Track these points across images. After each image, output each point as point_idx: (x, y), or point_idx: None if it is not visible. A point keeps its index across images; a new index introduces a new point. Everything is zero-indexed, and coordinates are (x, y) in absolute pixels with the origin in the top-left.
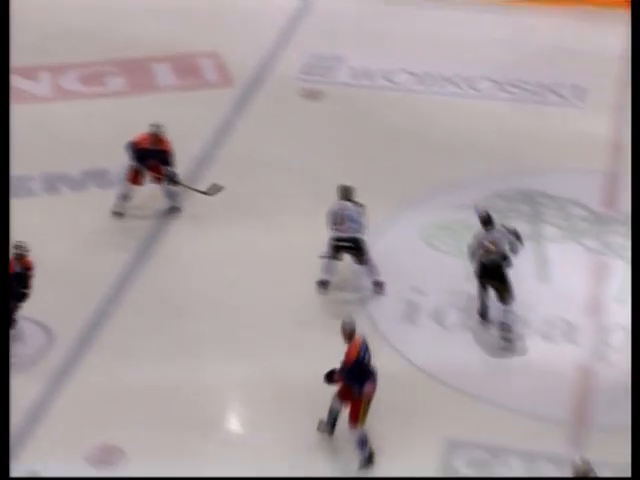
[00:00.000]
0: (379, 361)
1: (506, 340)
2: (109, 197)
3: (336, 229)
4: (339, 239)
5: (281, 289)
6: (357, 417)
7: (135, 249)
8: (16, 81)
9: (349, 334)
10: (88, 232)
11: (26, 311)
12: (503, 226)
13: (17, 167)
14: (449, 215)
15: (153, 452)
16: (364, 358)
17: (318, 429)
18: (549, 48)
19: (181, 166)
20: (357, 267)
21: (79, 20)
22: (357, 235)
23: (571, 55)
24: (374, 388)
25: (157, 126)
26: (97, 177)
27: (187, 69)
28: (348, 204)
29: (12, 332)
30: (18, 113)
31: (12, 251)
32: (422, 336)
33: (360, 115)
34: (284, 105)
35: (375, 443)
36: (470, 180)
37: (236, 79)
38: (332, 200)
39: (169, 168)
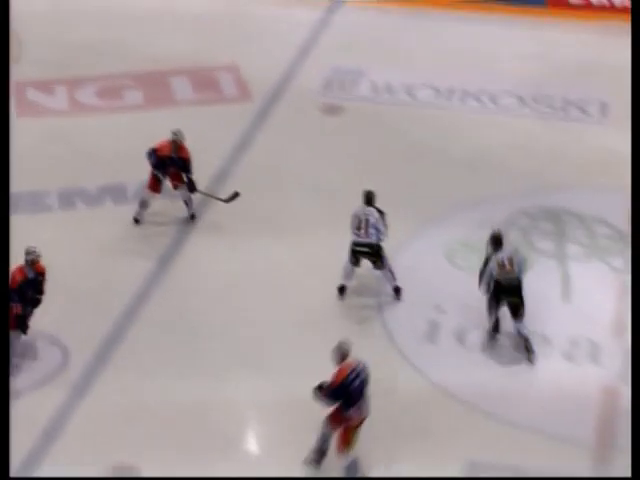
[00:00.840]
0: (399, 380)
1: (530, 351)
2: (125, 213)
3: (356, 234)
4: (357, 244)
5: (299, 305)
6: (344, 443)
7: (151, 265)
8: (32, 94)
9: (341, 356)
10: (103, 248)
11: (41, 326)
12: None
13: (33, 182)
14: (472, 232)
15: (169, 471)
16: (352, 383)
17: (305, 462)
18: (574, 63)
19: (199, 181)
20: (377, 272)
21: (96, 33)
22: (375, 241)
23: (596, 71)
24: (362, 415)
25: (178, 133)
26: (114, 192)
27: (205, 83)
28: (371, 210)
29: (25, 338)
30: (34, 127)
31: (24, 257)
32: (443, 355)
33: (381, 131)
34: (303, 120)
35: (394, 462)
36: (493, 197)
37: (255, 93)
38: (347, 214)
39: (188, 175)
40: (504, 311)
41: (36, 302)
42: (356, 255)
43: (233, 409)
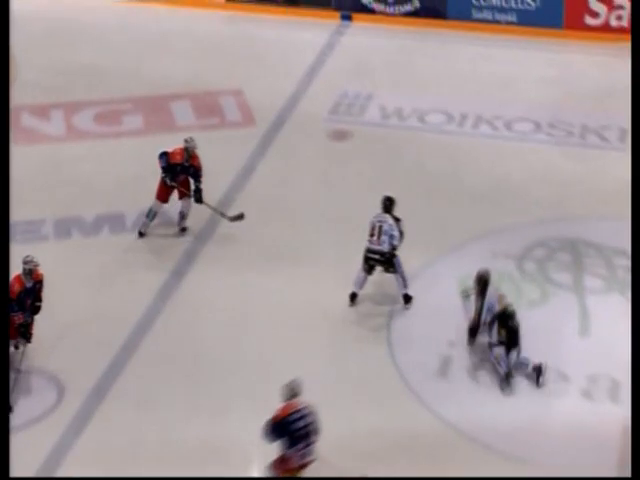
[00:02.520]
0: (409, 418)
1: (540, 375)
2: (123, 242)
3: (369, 240)
4: (369, 250)
5: (305, 340)
6: None
7: (150, 296)
8: (27, 120)
9: (290, 394)
10: (100, 279)
11: (36, 360)
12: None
13: (28, 211)
14: (486, 264)
15: None
16: (294, 423)
17: None
18: (592, 87)
19: (202, 209)
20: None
21: (94, 56)
22: (387, 249)
23: (615, 95)
24: (304, 459)
25: (190, 141)
26: (111, 221)
27: (208, 107)
28: (386, 216)
29: (28, 347)
30: (29, 154)
31: (22, 266)
32: (455, 392)
33: (391, 157)
34: (310, 146)
35: None
36: (508, 227)
37: (259, 118)
38: (360, 247)
39: (198, 184)
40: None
41: (36, 309)
42: (368, 262)
43: (237, 447)
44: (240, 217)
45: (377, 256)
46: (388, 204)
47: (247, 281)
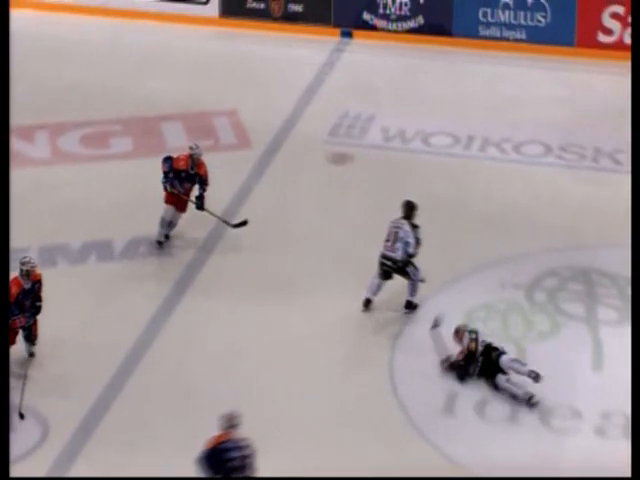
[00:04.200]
0: (414, 456)
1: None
2: (110, 271)
3: (385, 246)
4: (384, 256)
5: (302, 375)
6: None
7: (139, 328)
8: (10, 142)
9: (227, 424)
10: (85, 310)
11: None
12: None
13: (12, 238)
14: (493, 294)
15: None
16: (227, 453)
17: None
18: (605, 108)
19: (196, 237)
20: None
21: (81, 74)
22: (400, 257)
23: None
24: None
25: (196, 148)
26: (99, 249)
27: (201, 129)
28: (403, 222)
29: (34, 349)
30: (11, 178)
31: (20, 268)
32: (462, 429)
33: (394, 182)
34: (308, 170)
35: None
36: (517, 255)
37: (255, 140)
38: (361, 276)
39: (201, 192)
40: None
41: (37, 310)
42: (382, 268)
43: None
44: (243, 224)
45: (390, 262)
46: (407, 210)
47: (241, 312)
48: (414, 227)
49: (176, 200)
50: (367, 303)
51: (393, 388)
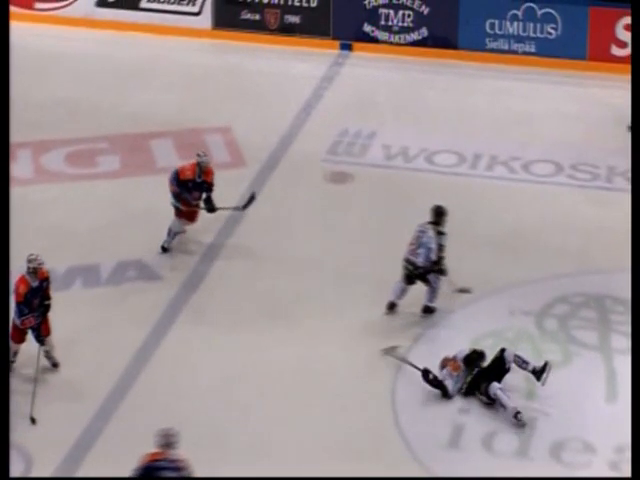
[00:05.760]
0: None
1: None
2: (96, 297)
3: (408, 250)
4: (406, 260)
5: (305, 407)
6: None
7: (126, 358)
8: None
9: (164, 442)
10: (70, 338)
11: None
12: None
13: None
14: (501, 321)
15: None
16: (160, 471)
17: None
18: (619, 124)
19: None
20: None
21: (66, 89)
22: (421, 263)
23: None
24: None
25: (203, 155)
26: (85, 273)
27: (192, 146)
28: (428, 227)
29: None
30: None
31: (27, 265)
32: (468, 464)
33: (396, 202)
34: (306, 190)
35: None
36: (526, 280)
37: (250, 159)
38: (365, 302)
39: (209, 194)
40: None
41: (45, 308)
42: (405, 272)
43: None
44: (252, 199)
45: (411, 267)
46: (435, 215)
47: (236, 340)
48: (439, 233)
49: (187, 213)
50: (391, 306)
51: (395, 418)
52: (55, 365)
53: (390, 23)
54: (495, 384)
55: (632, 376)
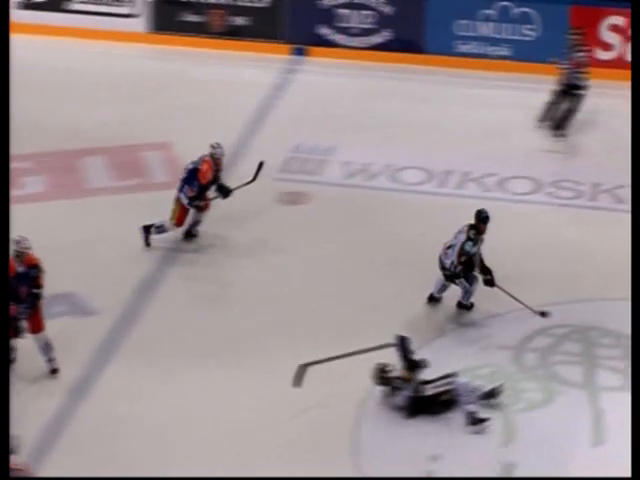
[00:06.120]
0: None
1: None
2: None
3: (442, 248)
4: (439, 258)
5: (252, 456)
6: None
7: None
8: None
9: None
10: None
11: None
12: None
13: None
14: (476, 358)
15: None
16: None
17: None
18: (607, 137)
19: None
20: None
21: None
22: (448, 265)
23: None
24: None
25: (218, 146)
26: None
27: (127, 165)
28: (464, 230)
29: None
30: None
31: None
32: None
33: (357, 225)
34: (256, 212)
35: None
36: (502, 311)
37: None
38: (321, 338)
39: (219, 183)
40: None
41: (35, 298)
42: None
43: None
44: (260, 166)
45: (440, 266)
46: (475, 218)
47: (178, 381)
48: (468, 239)
49: (206, 205)
50: (431, 299)
51: (359, 467)
52: (54, 371)
53: (349, 25)
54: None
55: (632, 376)
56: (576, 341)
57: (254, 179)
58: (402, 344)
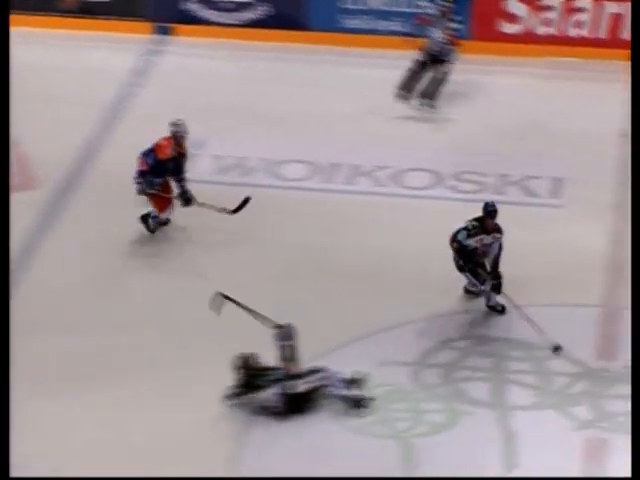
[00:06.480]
0: None
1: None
2: None
3: None
4: None
5: None
6: None
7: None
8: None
9: None
10: None
11: None
12: None
13: None
14: (371, 374)
15: None
16: None
17: None
18: (514, 123)
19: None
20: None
21: None
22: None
23: (548, 132)
24: None
25: (179, 124)
26: None
27: None
28: (470, 222)
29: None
30: None
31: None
32: None
33: (230, 226)
34: (116, 216)
35: None
36: (399, 321)
37: (44, 179)
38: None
39: (183, 184)
40: None
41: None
42: None
43: None
44: (246, 202)
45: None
46: (483, 210)
47: (71, 405)
48: (465, 228)
49: (156, 201)
50: (466, 291)
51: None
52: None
53: None
54: None
55: (632, 376)
56: (483, 355)
57: (234, 211)
58: (287, 331)
